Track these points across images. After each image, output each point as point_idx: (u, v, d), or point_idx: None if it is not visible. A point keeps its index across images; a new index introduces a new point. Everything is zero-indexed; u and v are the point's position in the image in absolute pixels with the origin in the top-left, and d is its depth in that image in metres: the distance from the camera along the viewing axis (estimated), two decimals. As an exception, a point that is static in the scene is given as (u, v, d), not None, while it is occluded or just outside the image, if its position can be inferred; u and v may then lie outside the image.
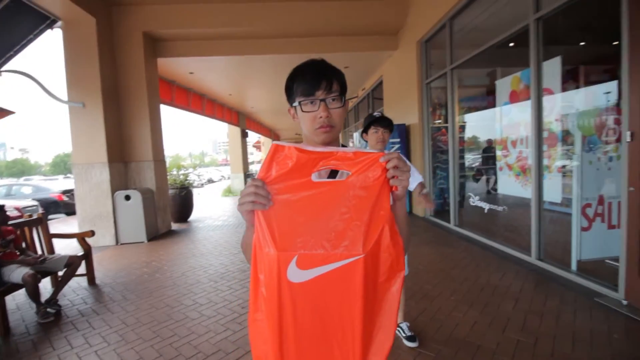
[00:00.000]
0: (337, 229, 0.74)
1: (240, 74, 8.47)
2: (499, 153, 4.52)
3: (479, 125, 5.60)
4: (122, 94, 5.95)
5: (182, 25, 5.97)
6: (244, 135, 14.15)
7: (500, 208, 4.67)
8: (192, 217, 7.91)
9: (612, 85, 3.57)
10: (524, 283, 3.14)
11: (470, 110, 5.81)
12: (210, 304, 3.07)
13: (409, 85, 6.40)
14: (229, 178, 27.18)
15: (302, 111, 0.90)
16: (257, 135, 21.06)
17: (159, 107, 6.63)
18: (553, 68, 3.51)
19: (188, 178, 7.92)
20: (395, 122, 2.92)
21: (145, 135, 6.09)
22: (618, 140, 3.23)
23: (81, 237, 3.66)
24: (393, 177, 0.73)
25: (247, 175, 13.91)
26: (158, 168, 6.32)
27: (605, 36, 4.83)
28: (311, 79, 0.88)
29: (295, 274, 0.73)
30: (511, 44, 4.20)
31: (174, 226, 7.00)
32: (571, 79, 4.26)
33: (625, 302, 2.53)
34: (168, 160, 6.80)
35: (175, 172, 7.77)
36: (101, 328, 2.70)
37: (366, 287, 0.74)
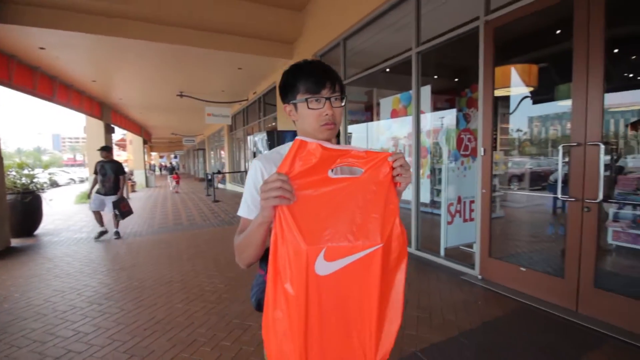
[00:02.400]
0: (357, 221, 0.81)
1: (109, 58, 7.14)
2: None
3: (364, 136, 6.36)
4: None
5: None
6: (109, 130, 12.01)
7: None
8: (39, 230, 6.28)
9: (452, 112, 4.67)
10: (410, 270, 3.75)
11: (353, 122, 6.54)
12: (100, 331, 2.55)
13: (304, 94, 6.72)
14: (82, 181, 22.57)
15: (308, 108, 0.94)
16: (123, 131, 18.18)
17: (-8, 86, 5.07)
18: (425, 93, 4.32)
19: (34, 180, 6.27)
20: (290, 129, 3.10)
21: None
22: (471, 154, 4.24)
23: None
24: (398, 174, 0.85)
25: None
26: (-10, 167, 4.81)
27: (458, 73, 6.25)
28: (318, 78, 0.94)
29: (323, 267, 0.77)
30: (387, 70, 4.95)
31: (15, 242, 5.41)
32: (434, 104, 5.35)
33: (480, 277, 3.34)
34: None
35: (14, 173, 6.02)
36: None
37: (382, 273, 0.84)
